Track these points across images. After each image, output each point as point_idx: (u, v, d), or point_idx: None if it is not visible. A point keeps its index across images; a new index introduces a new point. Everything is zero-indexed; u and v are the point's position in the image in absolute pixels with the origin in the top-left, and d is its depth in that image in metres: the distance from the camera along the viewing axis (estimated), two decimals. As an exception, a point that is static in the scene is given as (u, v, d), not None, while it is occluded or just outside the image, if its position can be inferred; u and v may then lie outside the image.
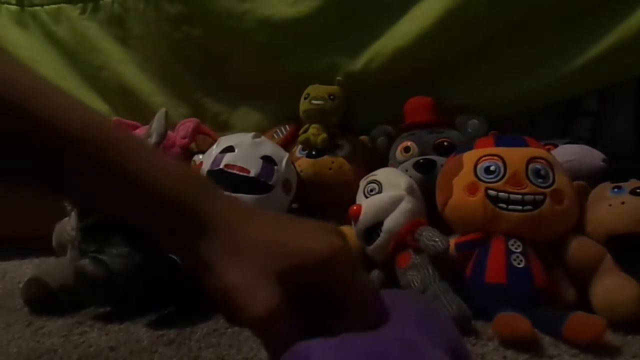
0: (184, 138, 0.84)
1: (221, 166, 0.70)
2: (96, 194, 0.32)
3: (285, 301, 0.30)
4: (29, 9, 1.01)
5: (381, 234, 0.62)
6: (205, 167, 0.72)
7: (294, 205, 0.79)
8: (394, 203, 0.63)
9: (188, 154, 0.85)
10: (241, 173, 0.69)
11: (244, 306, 0.30)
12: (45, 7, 1.01)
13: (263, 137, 0.76)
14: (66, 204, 0.69)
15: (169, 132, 0.81)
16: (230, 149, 0.72)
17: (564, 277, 0.56)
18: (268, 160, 0.71)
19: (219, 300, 0.31)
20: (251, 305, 0.30)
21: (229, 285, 0.30)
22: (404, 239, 0.60)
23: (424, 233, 0.58)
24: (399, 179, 0.66)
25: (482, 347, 0.48)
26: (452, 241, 0.59)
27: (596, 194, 0.60)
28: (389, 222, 0.62)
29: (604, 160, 0.67)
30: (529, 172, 0.57)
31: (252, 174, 0.69)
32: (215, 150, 0.73)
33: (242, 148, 0.72)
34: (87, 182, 0.32)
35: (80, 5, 1.00)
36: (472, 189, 0.58)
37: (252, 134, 0.75)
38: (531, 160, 0.57)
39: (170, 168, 0.32)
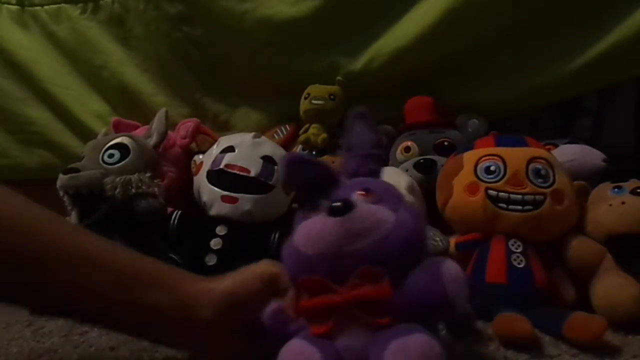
0: (184, 138, 0.84)
1: (221, 166, 0.70)
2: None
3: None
4: (29, 8, 1.01)
5: (381, 233, 0.62)
6: (206, 167, 0.72)
7: (294, 206, 0.79)
8: (394, 202, 0.63)
9: (188, 153, 0.85)
10: (241, 173, 0.69)
11: (251, 300, 0.40)
12: (46, 7, 1.01)
13: (263, 137, 0.76)
14: (66, 204, 0.69)
15: (169, 132, 0.82)
16: (230, 149, 0.72)
17: (564, 277, 0.56)
18: (268, 160, 0.71)
19: (232, 320, 0.40)
20: (253, 289, 0.41)
21: (236, 299, 0.40)
22: (404, 239, 0.60)
23: (424, 233, 0.58)
24: (400, 178, 0.66)
25: (482, 347, 0.48)
26: (452, 241, 0.59)
27: (596, 194, 0.60)
28: (389, 221, 0.62)
29: (604, 160, 0.67)
30: (529, 172, 0.57)
31: (252, 174, 0.69)
32: (215, 150, 0.73)
33: (242, 148, 0.72)
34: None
35: (80, 5, 1.00)
36: (472, 189, 0.58)
37: (253, 133, 0.75)
38: (531, 160, 0.57)
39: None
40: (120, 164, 0.70)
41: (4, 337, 0.54)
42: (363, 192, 0.38)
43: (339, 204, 0.35)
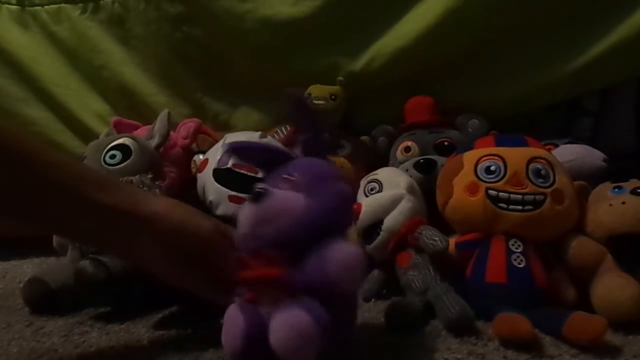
0: (186, 138, 0.84)
1: (229, 165, 0.70)
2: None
3: None
4: (30, 8, 1.01)
5: (381, 233, 0.62)
6: (212, 165, 0.72)
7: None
8: (394, 202, 0.63)
9: (189, 154, 0.85)
10: (249, 173, 0.69)
11: (198, 225, 0.46)
12: (46, 7, 1.01)
13: (269, 137, 0.76)
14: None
15: (170, 133, 0.81)
16: (237, 147, 0.72)
17: (565, 277, 0.56)
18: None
19: (176, 232, 0.44)
20: (203, 224, 0.46)
21: (181, 217, 0.45)
22: (404, 238, 0.61)
23: (424, 232, 0.58)
24: (400, 178, 0.66)
25: (482, 347, 0.48)
26: (453, 241, 0.59)
27: (597, 194, 0.60)
28: (388, 221, 0.62)
29: (604, 160, 0.67)
30: (530, 172, 0.57)
31: (259, 175, 0.69)
32: (221, 148, 0.73)
33: (250, 148, 0.72)
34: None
35: (80, 5, 1.00)
36: (472, 189, 0.58)
37: (259, 133, 0.75)
38: (532, 160, 0.57)
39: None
40: (122, 165, 0.70)
41: (4, 337, 0.54)
42: (284, 177, 0.43)
43: (254, 191, 0.40)
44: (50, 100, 1.00)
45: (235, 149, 0.44)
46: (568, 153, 0.67)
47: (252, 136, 0.74)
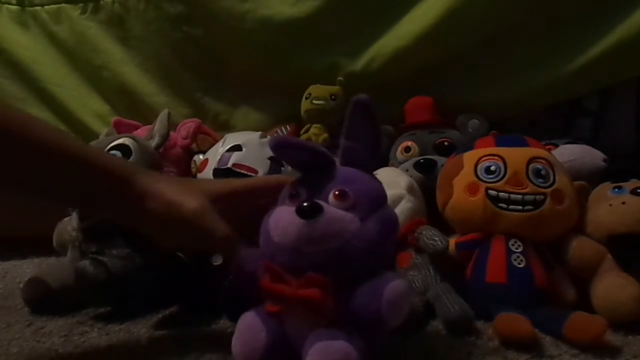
0: (186, 138, 0.84)
1: (229, 165, 0.70)
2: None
3: (211, 204, 0.42)
4: (30, 9, 1.01)
5: (381, 233, 0.62)
6: (212, 165, 0.72)
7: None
8: (394, 202, 0.63)
9: (189, 154, 0.85)
10: (249, 173, 0.69)
11: (180, 204, 0.41)
12: (46, 7, 1.01)
13: (269, 137, 0.76)
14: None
15: (170, 133, 0.81)
16: (237, 147, 0.72)
17: (565, 277, 0.56)
18: (275, 161, 0.71)
19: (159, 217, 0.42)
20: (186, 203, 0.41)
21: (166, 195, 0.42)
22: (405, 238, 0.60)
23: (423, 232, 0.58)
24: (399, 178, 0.66)
25: (482, 347, 0.48)
26: (453, 241, 0.59)
27: (596, 194, 0.60)
28: (389, 222, 0.62)
29: (604, 160, 0.67)
30: (530, 172, 0.57)
31: (260, 175, 0.69)
32: (221, 148, 0.73)
33: (250, 148, 0.71)
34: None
35: (80, 5, 1.00)
36: (472, 189, 0.58)
37: (259, 133, 0.75)
38: (532, 160, 0.57)
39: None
40: (121, 164, 0.70)
41: (4, 337, 0.54)
42: (338, 193, 0.39)
43: (307, 206, 0.37)
44: (50, 100, 1.00)
45: (275, 146, 0.41)
46: (568, 153, 0.67)
47: (252, 136, 0.74)
